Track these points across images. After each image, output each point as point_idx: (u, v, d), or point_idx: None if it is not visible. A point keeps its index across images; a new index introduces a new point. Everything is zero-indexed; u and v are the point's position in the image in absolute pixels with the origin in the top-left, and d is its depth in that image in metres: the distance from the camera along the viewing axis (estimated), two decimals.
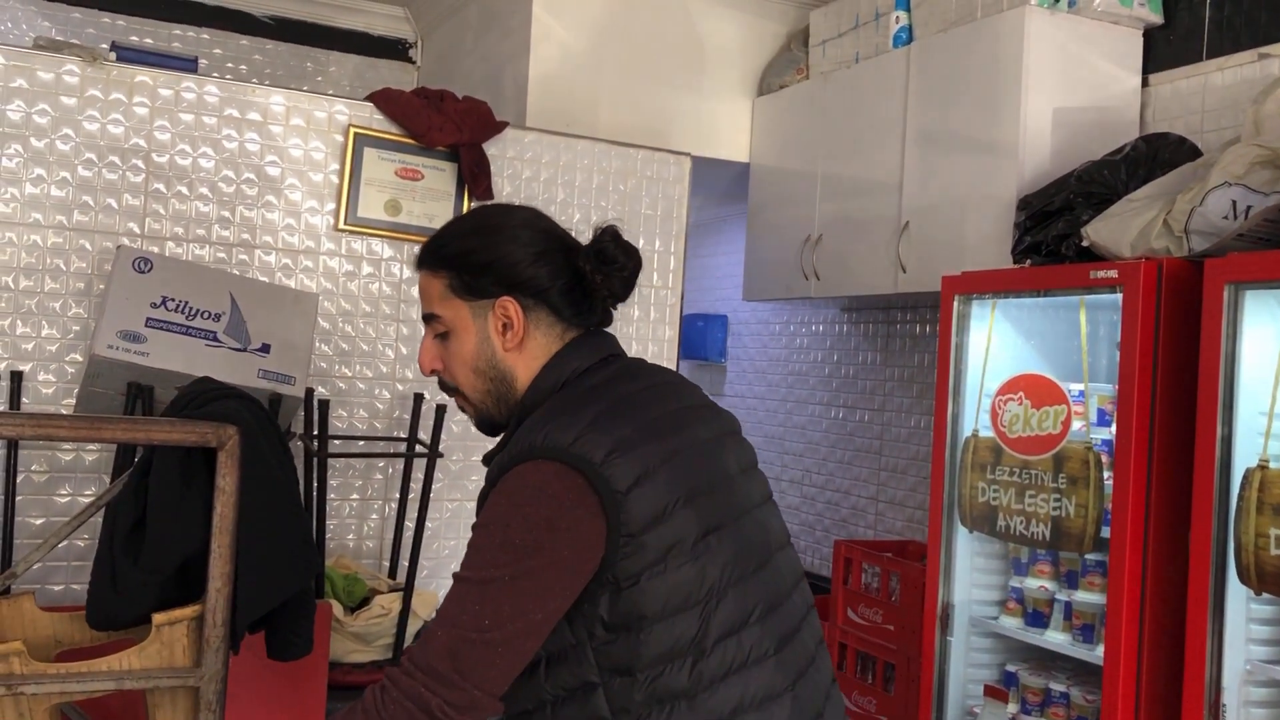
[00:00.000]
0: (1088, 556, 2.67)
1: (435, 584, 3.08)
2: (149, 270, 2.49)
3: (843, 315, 4.53)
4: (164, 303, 2.46)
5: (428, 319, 1.60)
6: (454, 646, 1.34)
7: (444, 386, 1.61)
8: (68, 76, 2.71)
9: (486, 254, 1.54)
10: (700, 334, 5.32)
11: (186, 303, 2.47)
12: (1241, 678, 2.27)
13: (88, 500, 2.68)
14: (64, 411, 2.67)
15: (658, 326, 3.41)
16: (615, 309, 1.63)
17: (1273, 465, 2.19)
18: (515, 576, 1.35)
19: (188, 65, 2.95)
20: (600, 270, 1.54)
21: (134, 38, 4.50)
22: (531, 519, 1.36)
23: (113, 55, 2.79)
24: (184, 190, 2.84)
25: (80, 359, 2.69)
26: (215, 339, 2.48)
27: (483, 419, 1.59)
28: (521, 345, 1.54)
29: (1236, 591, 2.25)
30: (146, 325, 2.41)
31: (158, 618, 1.72)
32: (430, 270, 1.58)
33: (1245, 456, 2.25)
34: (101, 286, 2.70)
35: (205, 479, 1.76)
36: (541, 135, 3.29)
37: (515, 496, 1.38)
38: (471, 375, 1.56)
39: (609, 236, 1.55)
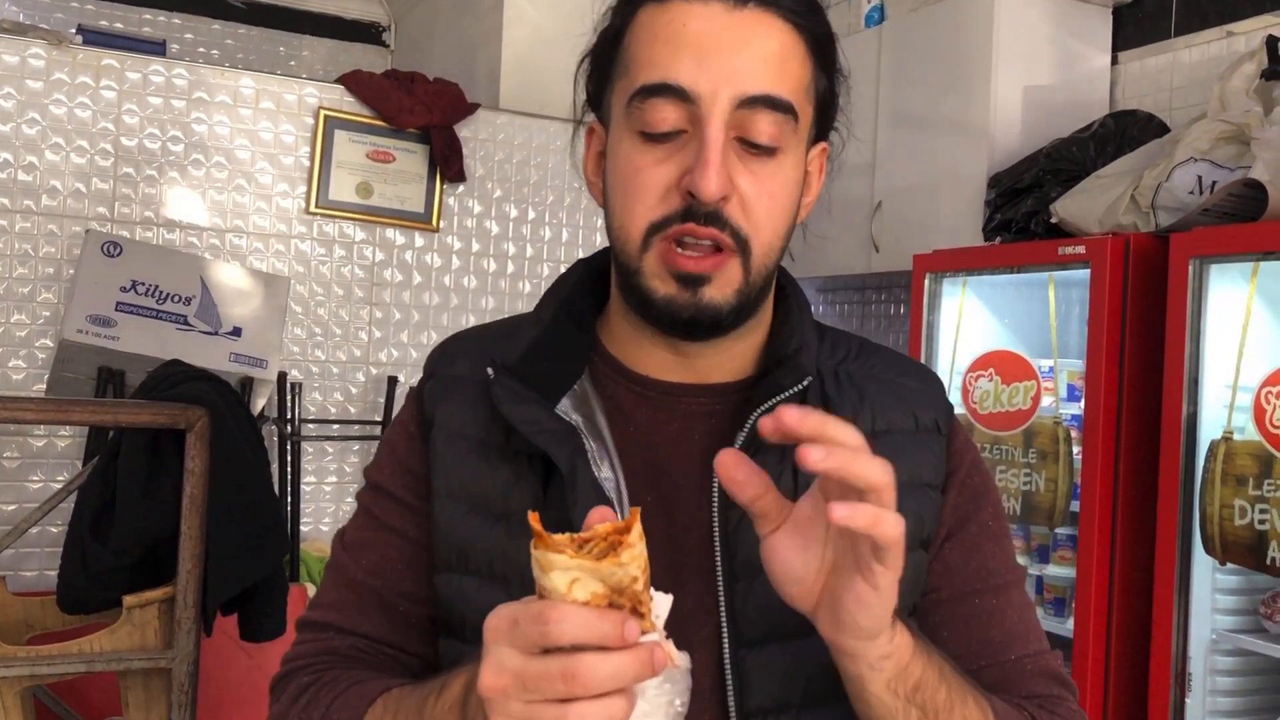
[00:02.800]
0: (1058, 531, 2.70)
1: None
2: (118, 254, 2.48)
3: (818, 296, 4.54)
4: (134, 287, 2.45)
5: (757, 102, 0.88)
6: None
7: (713, 220, 0.88)
8: (33, 60, 2.69)
9: (837, 84, 1.00)
10: None
11: (157, 287, 2.47)
12: (1207, 647, 2.30)
13: (60, 487, 2.68)
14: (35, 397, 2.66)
15: None
16: None
17: (1236, 437, 2.21)
18: None
19: (155, 49, 2.94)
20: None
21: (103, 22, 4.46)
22: None
23: (79, 39, 2.77)
24: (153, 174, 2.83)
25: (51, 344, 2.68)
26: (186, 323, 2.47)
27: (741, 305, 0.91)
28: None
29: (1202, 562, 2.28)
30: (117, 309, 2.40)
31: (128, 600, 1.73)
32: (801, 33, 0.92)
33: (1210, 429, 2.27)
34: (71, 272, 2.69)
35: (174, 461, 1.77)
36: (514, 117, 3.28)
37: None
38: (779, 227, 0.93)
39: None
